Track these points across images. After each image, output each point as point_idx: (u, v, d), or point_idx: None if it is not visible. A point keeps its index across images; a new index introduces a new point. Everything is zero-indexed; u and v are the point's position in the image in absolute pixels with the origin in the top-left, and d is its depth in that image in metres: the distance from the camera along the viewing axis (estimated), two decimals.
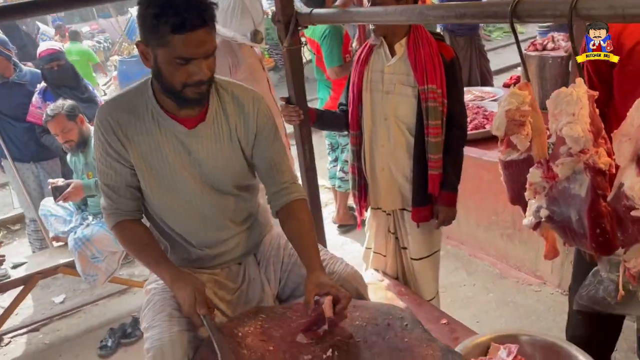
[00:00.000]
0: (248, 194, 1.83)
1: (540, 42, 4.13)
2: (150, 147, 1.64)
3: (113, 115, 1.63)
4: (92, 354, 3.26)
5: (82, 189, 3.38)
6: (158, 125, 1.63)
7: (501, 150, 1.55)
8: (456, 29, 5.08)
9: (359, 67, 2.32)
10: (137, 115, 1.63)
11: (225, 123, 1.68)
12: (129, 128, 1.63)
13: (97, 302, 3.88)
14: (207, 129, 1.66)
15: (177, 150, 1.65)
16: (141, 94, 1.65)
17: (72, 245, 3.29)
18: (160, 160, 1.65)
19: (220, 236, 1.78)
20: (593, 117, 1.25)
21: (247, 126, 1.71)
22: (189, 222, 1.74)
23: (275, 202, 1.77)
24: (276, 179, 1.76)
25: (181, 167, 1.66)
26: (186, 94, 1.54)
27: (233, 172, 1.73)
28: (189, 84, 1.52)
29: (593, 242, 1.31)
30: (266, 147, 1.74)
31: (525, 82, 1.42)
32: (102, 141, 1.65)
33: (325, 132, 4.22)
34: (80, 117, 3.44)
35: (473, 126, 3.69)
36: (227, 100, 1.69)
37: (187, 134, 1.64)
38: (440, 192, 2.30)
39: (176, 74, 1.50)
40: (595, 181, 1.25)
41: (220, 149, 1.68)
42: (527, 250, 3.34)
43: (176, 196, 1.69)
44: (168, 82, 1.53)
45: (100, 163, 1.69)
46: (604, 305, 1.67)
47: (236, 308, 1.79)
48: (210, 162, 1.68)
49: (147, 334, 1.59)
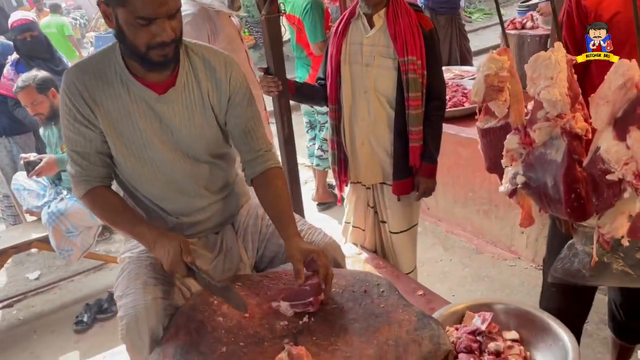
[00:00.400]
0: (223, 163, 1.79)
1: (520, 20, 4.14)
2: (120, 114, 1.58)
3: (80, 78, 1.56)
4: (67, 330, 3.23)
5: (55, 163, 3.30)
6: (127, 90, 1.57)
7: (479, 118, 1.55)
8: (437, 7, 5.06)
9: (337, 40, 2.28)
10: (105, 80, 1.57)
11: (196, 88, 1.63)
12: (96, 92, 1.56)
13: (73, 278, 3.83)
14: (177, 94, 1.61)
15: (147, 116, 1.59)
16: (109, 57, 1.58)
17: (45, 220, 3.22)
18: (130, 127, 1.59)
19: (195, 204, 1.75)
20: (571, 82, 1.26)
21: (220, 91, 1.65)
22: (162, 189, 1.70)
23: (250, 169, 1.74)
24: (251, 146, 1.72)
25: (152, 134, 1.61)
26: (151, 57, 1.48)
27: (207, 140, 1.69)
28: (152, 46, 1.46)
29: (568, 208, 1.32)
30: (240, 113, 1.69)
31: (504, 47, 1.41)
32: (70, 106, 1.57)
33: (303, 110, 4.19)
34: (52, 91, 3.33)
35: (452, 104, 3.70)
36: (197, 64, 1.64)
37: (157, 100, 1.59)
38: (421, 164, 2.30)
39: (138, 35, 1.44)
40: (572, 146, 1.25)
41: (192, 115, 1.63)
42: (502, 226, 3.39)
43: (148, 163, 1.64)
44: (131, 44, 1.47)
45: (67, 130, 1.61)
46: (579, 278, 1.70)
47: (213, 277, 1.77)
48: (182, 129, 1.63)
49: (120, 302, 1.57)
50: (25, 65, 3.93)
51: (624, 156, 1.17)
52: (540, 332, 1.65)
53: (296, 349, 1.26)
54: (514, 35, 3.91)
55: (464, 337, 1.62)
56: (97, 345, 3.00)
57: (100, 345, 2.94)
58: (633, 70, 1.15)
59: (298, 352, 1.25)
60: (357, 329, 1.40)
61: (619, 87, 1.15)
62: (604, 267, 1.63)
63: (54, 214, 3.20)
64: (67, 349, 3.07)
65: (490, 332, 1.62)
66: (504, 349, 1.59)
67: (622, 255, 1.59)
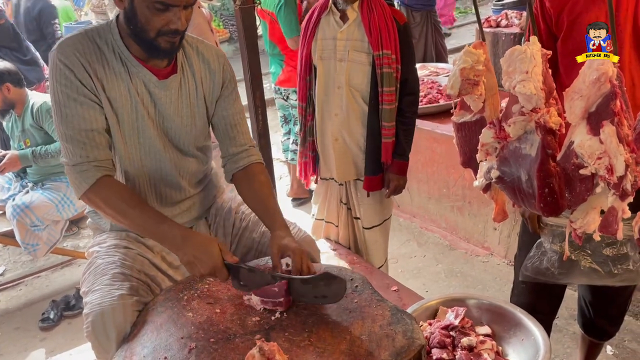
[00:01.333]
0: (205, 156, 1.78)
1: (495, 18, 4.18)
2: (121, 94, 1.52)
3: (80, 50, 1.48)
4: (33, 327, 3.13)
5: (18, 160, 3.21)
6: (128, 71, 1.53)
7: (454, 112, 1.55)
8: (413, 3, 5.07)
9: (308, 37, 2.26)
10: (104, 56, 1.51)
11: (191, 78, 1.63)
12: (98, 67, 1.49)
13: (39, 274, 3.71)
14: (177, 82, 1.60)
15: (145, 100, 1.56)
16: (105, 35, 1.53)
17: (10, 213, 3.12)
18: (129, 108, 1.54)
19: (175, 196, 1.72)
20: (546, 76, 1.26)
21: (213, 82, 1.66)
22: (146, 177, 1.65)
23: (233, 164, 1.73)
24: (236, 140, 1.72)
25: (148, 118, 1.57)
26: (159, 43, 1.47)
27: (195, 132, 1.67)
28: (163, 32, 1.45)
29: (541, 202, 1.32)
30: (228, 105, 1.70)
31: (480, 41, 1.40)
32: (70, 79, 1.46)
33: (277, 104, 4.16)
34: (6, 85, 3.14)
35: (427, 100, 3.71)
36: (192, 55, 1.64)
37: (156, 84, 1.56)
38: (392, 161, 2.29)
39: (152, 20, 1.43)
40: (546, 140, 1.26)
41: (186, 105, 1.62)
42: (476, 222, 3.41)
43: (138, 148, 1.60)
44: (142, 27, 1.45)
45: (66, 108, 1.47)
46: (548, 276, 1.72)
47: (185, 273, 1.73)
48: (175, 118, 1.61)
49: (86, 298, 1.51)
50: None
51: (597, 151, 1.17)
52: (512, 327, 1.65)
53: (268, 344, 1.23)
54: (489, 32, 3.95)
55: (437, 332, 1.62)
56: (63, 342, 2.92)
57: (67, 343, 2.87)
58: (607, 65, 1.16)
59: (270, 348, 1.22)
60: (330, 324, 1.38)
61: (592, 82, 1.16)
62: (572, 265, 1.65)
63: (18, 206, 3.10)
64: (32, 347, 2.98)
65: (463, 327, 1.62)
66: (477, 343, 1.59)
67: (590, 252, 1.61)
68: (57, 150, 3.19)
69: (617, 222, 1.23)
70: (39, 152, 3.20)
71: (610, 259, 1.54)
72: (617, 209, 1.23)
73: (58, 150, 3.18)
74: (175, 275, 1.71)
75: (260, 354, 1.21)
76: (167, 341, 1.35)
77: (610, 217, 1.25)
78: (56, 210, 3.20)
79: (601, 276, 1.57)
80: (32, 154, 3.20)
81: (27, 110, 3.22)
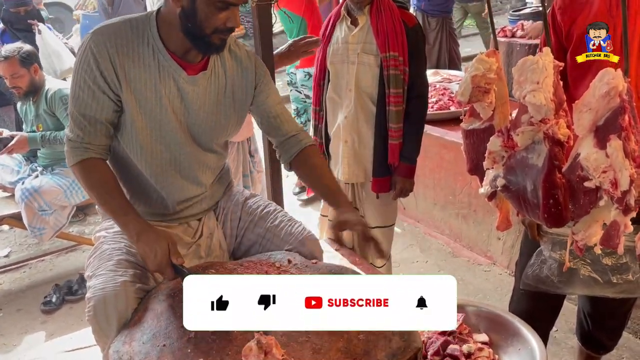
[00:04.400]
0: (224, 152, 1.81)
1: (510, 29, 4.17)
2: (146, 85, 1.56)
3: (112, 42, 1.52)
4: (34, 309, 3.16)
5: (27, 142, 3.25)
6: (158, 64, 1.56)
7: (464, 118, 1.55)
8: (429, 9, 5.06)
9: (324, 43, 2.33)
10: (137, 48, 1.54)
11: (222, 76, 1.66)
12: (126, 60, 1.53)
13: (44, 258, 3.76)
14: (206, 78, 1.62)
15: (172, 93, 1.59)
16: (142, 27, 1.56)
17: (18, 196, 3.16)
18: (153, 100, 1.57)
19: (190, 190, 1.74)
20: (556, 88, 1.26)
21: (247, 80, 1.69)
22: (163, 169, 1.67)
23: (286, 153, 1.78)
24: (283, 129, 1.76)
25: (172, 112, 1.60)
26: (212, 39, 1.51)
27: (218, 129, 1.70)
28: (220, 30, 1.49)
29: (545, 213, 1.33)
30: (265, 98, 1.74)
31: (493, 49, 1.41)
32: (93, 68, 1.51)
33: (291, 96, 4.19)
34: (34, 66, 3.26)
35: (438, 107, 3.72)
36: (225, 53, 1.66)
37: (186, 80, 1.59)
38: (399, 163, 2.30)
39: (212, 17, 1.47)
40: (553, 151, 1.26)
41: (213, 102, 1.65)
42: (480, 231, 3.41)
43: (159, 140, 1.62)
44: (200, 25, 1.48)
45: (80, 90, 1.54)
46: (548, 284, 1.72)
47: (190, 263, 1.74)
48: (200, 114, 1.64)
49: (90, 282, 1.53)
50: (11, 36, 3.86)
51: (603, 164, 1.18)
52: (509, 336, 1.65)
53: (265, 338, 1.24)
54: (504, 42, 3.94)
55: (435, 338, 1.63)
56: (64, 326, 2.95)
57: (68, 327, 2.90)
58: (617, 79, 1.16)
59: (267, 341, 1.23)
60: None
61: (602, 95, 1.16)
62: (572, 273, 1.66)
63: (27, 190, 3.14)
64: (33, 329, 3.01)
65: (461, 332, 1.63)
66: (474, 350, 1.60)
67: (589, 261, 1.61)
68: None
69: (619, 236, 1.24)
70: (48, 137, 3.24)
71: (609, 268, 1.55)
72: (620, 224, 1.23)
73: None
74: None
75: (258, 346, 1.23)
76: (167, 329, 1.36)
77: (612, 231, 1.25)
78: (64, 196, 3.24)
79: (601, 285, 1.57)
80: (42, 138, 3.24)
81: (42, 95, 3.27)
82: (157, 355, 1.29)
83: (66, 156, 1.61)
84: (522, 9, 5.05)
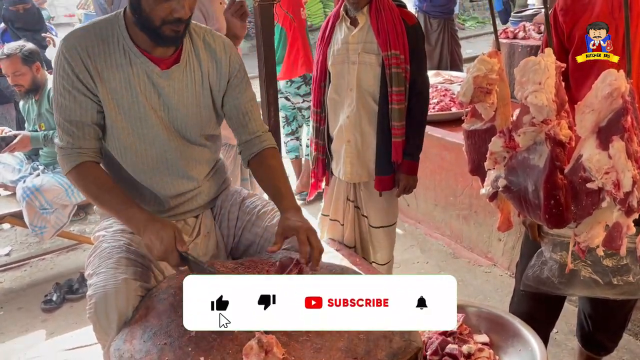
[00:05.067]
0: (214, 145, 1.80)
1: (512, 30, 4.18)
2: (121, 84, 1.56)
3: (82, 44, 1.53)
4: (35, 308, 3.16)
5: (29, 141, 3.25)
6: (130, 62, 1.56)
7: (465, 119, 1.56)
8: (431, 10, 5.07)
9: (324, 45, 2.32)
10: (107, 48, 1.55)
11: (197, 68, 1.64)
12: (98, 61, 1.54)
13: (45, 257, 3.76)
14: (180, 71, 1.61)
15: (148, 90, 1.59)
16: (111, 27, 1.57)
17: (20, 195, 3.16)
18: (130, 99, 1.57)
19: (181, 186, 1.73)
20: (558, 89, 1.26)
21: (220, 72, 1.67)
22: (151, 167, 1.67)
23: (247, 151, 1.76)
24: (249, 128, 1.74)
25: (150, 109, 1.60)
26: (163, 31, 1.49)
27: (201, 121, 1.69)
28: (168, 21, 1.47)
29: (546, 214, 1.33)
30: (238, 94, 1.71)
31: (495, 50, 1.41)
32: (68, 72, 1.53)
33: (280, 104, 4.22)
34: (37, 64, 3.27)
35: (440, 108, 3.72)
36: (199, 45, 1.65)
37: (160, 75, 1.58)
38: (402, 161, 2.31)
39: (156, 8, 1.45)
40: (555, 152, 1.26)
41: (191, 94, 1.64)
42: (480, 232, 3.41)
43: (142, 139, 1.62)
44: (146, 16, 1.47)
45: (62, 97, 1.56)
46: (549, 285, 1.72)
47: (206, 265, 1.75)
48: (180, 107, 1.63)
49: (90, 280, 1.53)
50: (12, 35, 3.87)
51: (605, 165, 1.18)
52: (510, 337, 1.65)
53: (266, 337, 1.24)
54: (506, 44, 3.95)
55: (435, 338, 1.63)
56: (64, 325, 2.95)
57: (68, 326, 2.90)
58: (620, 80, 1.16)
59: (268, 340, 1.24)
60: None
61: (605, 97, 1.16)
62: (573, 274, 1.65)
63: (28, 189, 3.14)
64: (33, 327, 3.01)
65: (462, 333, 1.63)
66: (475, 351, 1.60)
67: (590, 262, 1.61)
68: None
69: (622, 237, 1.24)
70: (50, 136, 3.24)
71: (610, 269, 1.54)
72: (622, 225, 1.23)
73: None
74: None
75: (259, 345, 1.23)
76: (168, 327, 1.36)
77: (615, 233, 1.25)
78: (65, 195, 3.24)
79: (601, 287, 1.57)
80: (44, 138, 3.24)
81: (44, 94, 3.27)
82: (158, 353, 1.29)
83: (60, 165, 1.62)
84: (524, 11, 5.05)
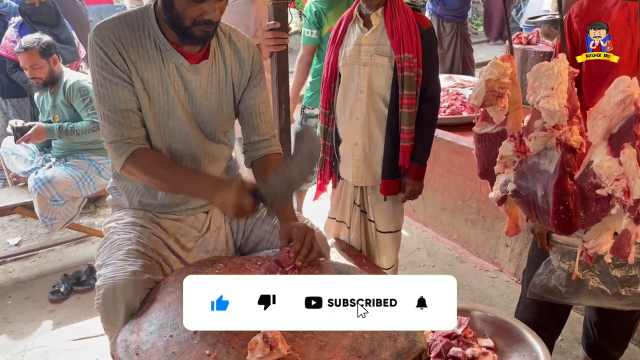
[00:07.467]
0: (229, 142, 1.83)
1: (525, 36, 4.15)
2: (153, 76, 1.59)
3: (115, 33, 1.55)
4: (42, 298, 3.19)
5: (44, 132, 3.28)
6: (161, 54, 1.59)
7: (476, 122, 1.56)
8: (444, 14, 5.06)
9: (335, 46, 2.31)
10: (139, 40, 1.57)
11: (222, 65, 1.68)
12: (131, 50, 1.56)
13: (54, 248, 3.79)
14: (207, 67, 1.65)
15: (177, 83, 1.62)
16: (142, 19, 1.59)
17: (31, 186, 3.19)
18: (160, 91, 1.60)
19: None
20: (571, 94, 1.26)
21: (243, 70, 1.71)
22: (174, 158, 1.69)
23: (253, 152, 1.78)
24: (259, 129, 1.77)
25: (178, 102, 1.63)
26: (194, 31, 1.53)
27: (222, 117, 1.72)
28: (198, 22, 1.51)
29: (555, 219, 1.33)
30: (255, 94, 1.75)
31: (508, 54, 1.41)
32: (106, 61, 1.54)
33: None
34: (54, 57, 3.30)
35: (450, 111, 3.70)
36: (224, 43, 1.69)
37: (189, 69, 1.62)
38: (409, 166, 2.30)
39: (189, 9, 1.49)
40: (565, 158, 1.26)
41: (215, 90, 1.67)
42: (488, 237, 3.40)
43: (166, 131, 1.65)
44: (178, 16, 1.51)
45: (103, 88, 1.56)
46: (556, 294, 1.71)
47: (197, 256, 1.76)
48: (204, 102, 1.66)
49: (99, 271, 1.55)
50: (29, 29, 3.90)
51: (616, 172, 1.18)
52: (514, 342, 1.66)
53: (271, 333, 1.25)
54: (519, 49, 3.92)
55: (439, 340, 1.63)
56: (71, 316, 2.98)
57: (75, 317, 2.93)
58: (633, 87, 1.16)
59: (273, 336, 1.24)
60: None
61: (617, 103, 1.16)
62: (580, 284, 1.65)
63: (40, 180, 3.17)
64: (40, 317, 3.04)
65: (466, 336, 1.63)
66: (479, 355, 1.60)
67: (598, 272, 1.60)
68: (84, 128, 3.26)
69: (630, 245, 1.23)
70: (65, 128, 3.27)
71: (618, 280, 1.54)
72: (631, 233, 1.23)
73: (84, 129, 3.26)
74: (187, 258, 1.74)
75: (264, 341, 1.23)
76: (174, 320, 1.37)
77: (623, 240, 1.25)
78: (76, 187, 3.27)
79: (609, 297, 1.56)
80: (59, 129, 3.27)
81: (60, 86, 3.30)
82: (164, 345, 1.30)
83: (112, 162, 1.62)
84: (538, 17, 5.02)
